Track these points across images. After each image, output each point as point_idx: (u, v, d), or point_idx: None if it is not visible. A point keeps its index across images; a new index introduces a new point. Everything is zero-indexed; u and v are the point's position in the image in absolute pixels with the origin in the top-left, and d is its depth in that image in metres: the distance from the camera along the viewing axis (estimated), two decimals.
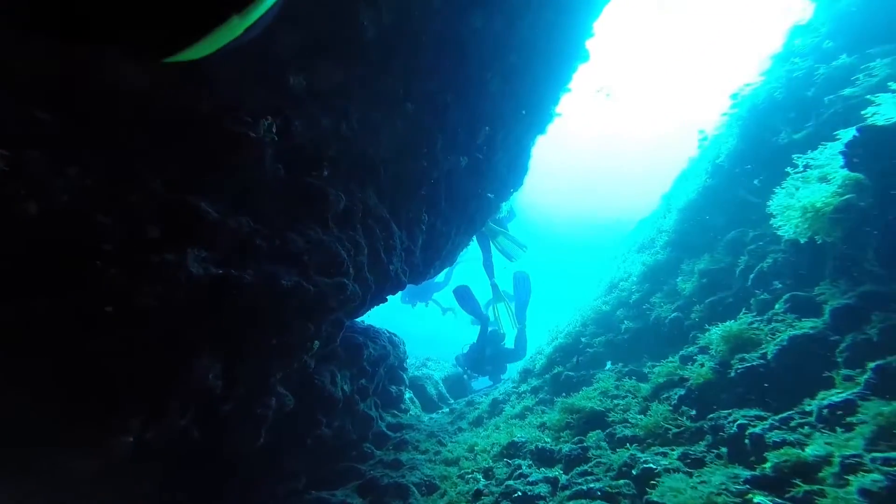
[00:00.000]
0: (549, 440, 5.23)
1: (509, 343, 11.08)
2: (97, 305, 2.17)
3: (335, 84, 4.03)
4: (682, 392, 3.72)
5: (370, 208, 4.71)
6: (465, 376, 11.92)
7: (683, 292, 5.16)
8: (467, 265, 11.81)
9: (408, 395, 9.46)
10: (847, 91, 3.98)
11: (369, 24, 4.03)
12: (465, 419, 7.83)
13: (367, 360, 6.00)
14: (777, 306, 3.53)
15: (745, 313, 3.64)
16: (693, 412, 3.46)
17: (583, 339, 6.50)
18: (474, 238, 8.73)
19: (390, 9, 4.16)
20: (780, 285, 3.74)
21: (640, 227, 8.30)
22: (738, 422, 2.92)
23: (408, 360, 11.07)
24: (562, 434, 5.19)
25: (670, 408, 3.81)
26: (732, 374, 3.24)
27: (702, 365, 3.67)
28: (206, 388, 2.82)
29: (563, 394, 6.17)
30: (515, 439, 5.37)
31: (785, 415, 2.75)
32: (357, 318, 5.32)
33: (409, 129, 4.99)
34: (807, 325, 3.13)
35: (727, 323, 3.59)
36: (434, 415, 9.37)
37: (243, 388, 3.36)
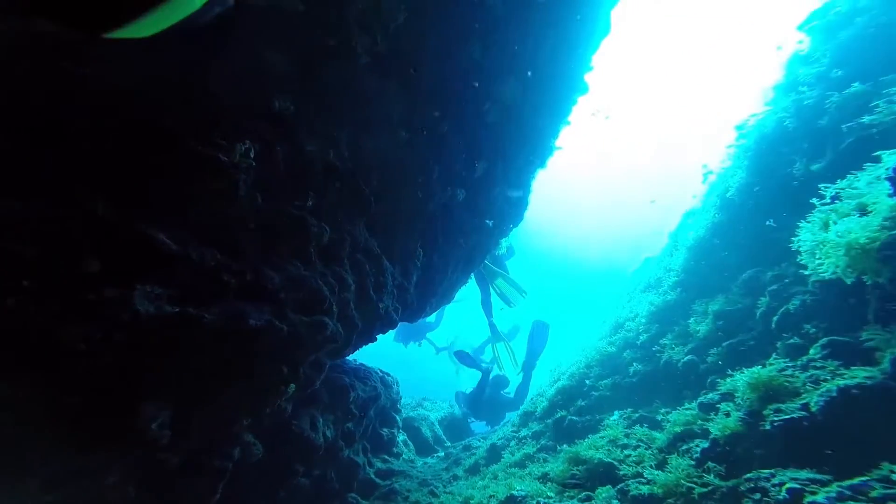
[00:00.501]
0: (552, 495, 4.67)
1: (512, 389, 10.51)
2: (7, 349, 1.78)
3: (324, 108, 3.79)
4: (706, 445, 3.23)
5: (359, 242, 4.37)
6: (464, 417, 11.25)
7: (697, 334, 4.72)
8: (459, 305, 11.39)
9: (401, 437, 8.83)
10: (867, 119, 3.71)
11: (363, 51, 3.83)
12: (461, 465, 7.19)
13: (353, 403, 5.49)
14: (812, 351, 3.10)
15: (775, 358, 3.19)
16: (721, 469, 2.96)
17: (587, 382, 5.99)
18: (472, 277, 8.35)
19: (385, 35, 3.97)
20: (812, 329, 3.32)
21: (645, 266, 7.94)
22: (788, 485, 2.43)
23: (402, 401, 10.46)
24: (566, 488, 4.63)
25: (692, 462, 3.31)
26: (767, 427, 2.77)
27: (727, 414, 3.20)
28: (148, 440, 2.38)
29: (567, 441, 5.62)
30: (515, 493, 4.80)
31: (856, 481, 2.27)
32: (343, 357, 4.87)
33: (403, 158, 4.72)
34: (860, 375, 2.69)
35: (754, 369, 3.15)
36: (429, 459, 8.70)
37: (198, 439, 2.90)
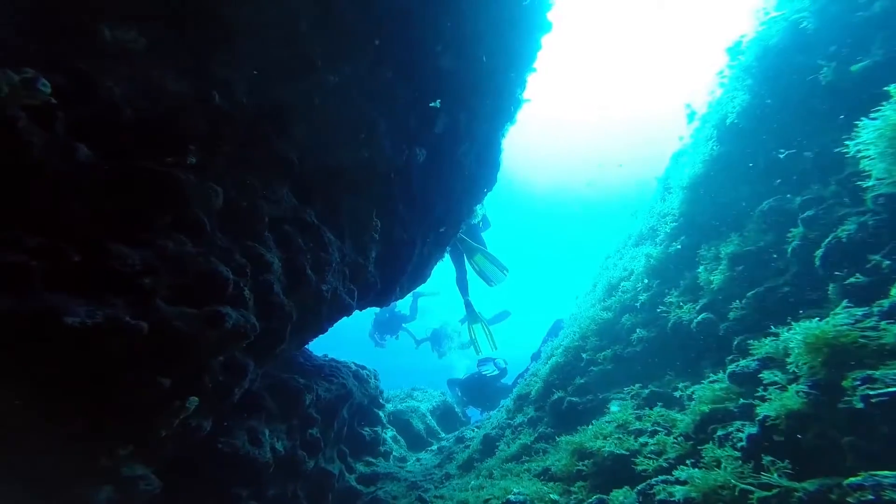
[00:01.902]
0: (556, 497, 3.74)
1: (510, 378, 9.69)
2: None
3: (205, 41, 2.69)
4: (755, 430, 2.28)
5: (284, 211, 3.31)
6: (460, 404, 10.34)
7: (710, 286, 3.76)
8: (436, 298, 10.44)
9: (390, 433, 7.86)
10: None
11: None
12: (454, 460, 6.26)
13: (313, 406, 4.47)
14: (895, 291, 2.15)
15: (843, 308, 2.21)
16: (785, 464, 2.02)
17: (584, 356, 5.04)
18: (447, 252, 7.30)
19: None
20: (885, 260, 2.36)
21: (633, 218, 6.96)
22: None
23: (388, 393, 9.49)
24: (573, 488, 3.70)
25: (737, 454, 2.36)
26: (858, 404, 1.81)
27: (783, 387, 2.25)
28: None
29: (568, 427, 4.68)
30: (512, 498, 3.86)
31: None
32: (284, 354, 3.82)
33: (333, 108, 3.64)
34: None
35: (808, 323, 2.20)
36: (422, 454, 7.75)
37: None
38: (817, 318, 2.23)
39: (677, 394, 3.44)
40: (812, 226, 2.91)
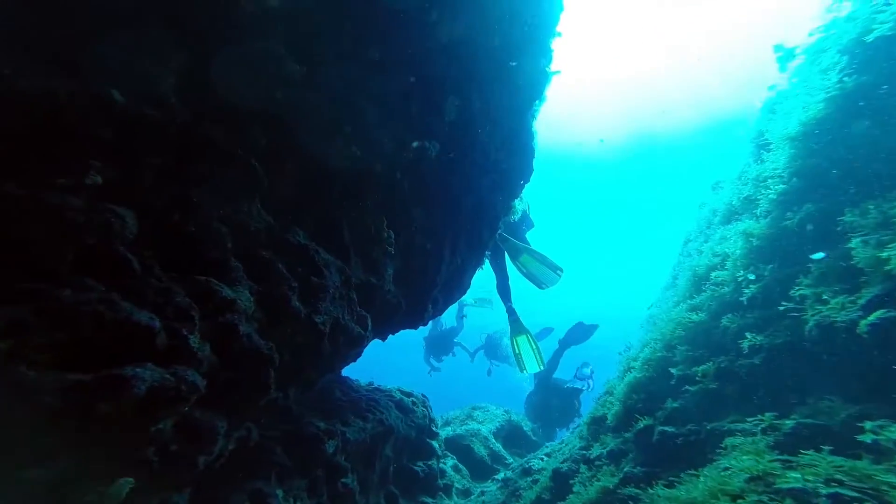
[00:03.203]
0: None
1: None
2: None
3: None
4: None
5: (257, 233, 2.56)
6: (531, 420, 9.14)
7: (885, 267, 2.39)
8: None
9: (450, 462, 6.90)
10: None
11: None
12: (521, 499, 5.15)
13: (341, 452, 3.68)
14: None
15: None
16: None
17: (673, 371, 3.75)
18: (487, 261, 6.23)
19: None
20: None
21: (716, 192, 5.44)
22: None
23: (447, 415, 8.55)
24: None
25: None
26: None
27: None
28: None
29: (665, 466, 3.45)
30: None
31: None
32: (278, 401, 3.02)
33: (305, 102, 2.87)
34: None
35: None
36: (488, 484, 6.70)
37: None
38: None
39: (866, 437, 2.12)
40: None
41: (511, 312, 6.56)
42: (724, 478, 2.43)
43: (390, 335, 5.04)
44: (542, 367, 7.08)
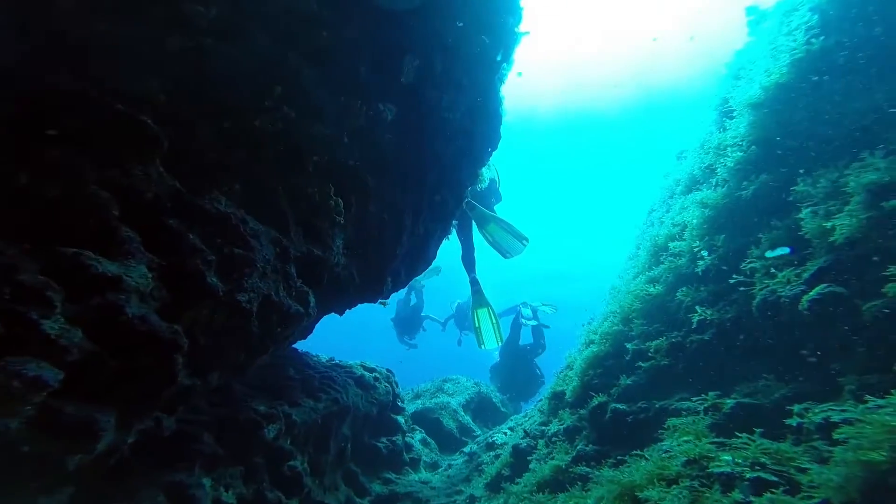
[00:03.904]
0: None
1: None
2: None
3: None
4: None
5: (158, 197, 2.22)
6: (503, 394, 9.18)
7: (829, 238, 2.24)
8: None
9: (418, 436, 6.86)
10: None
11: None
12: (483, 474, 5.11)
13: (286, 436, 3.49)
14: None
15: None
16: None
17: (628, 346, 3.63)
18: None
19: None
20: None
21: (680, 162, 5.26)
22: None
23: (418, 388, 8.49)
24: None
25: None
26: None
27: None
28: None
29: (616, 445, 3.38)
30: None
31: None
32: (188, 391, 2.77)
33: (221, 55, 2.47)
34: None
35: None
36: (456, 457, 6.70)
37: None
38: None
39: (792, 421, 2.01)
40: None
41: (474, 283, 6.34)
42: (663, 461, 2.32)
43: (347, 310, 4.80)
44: (500, 343, 6.95)
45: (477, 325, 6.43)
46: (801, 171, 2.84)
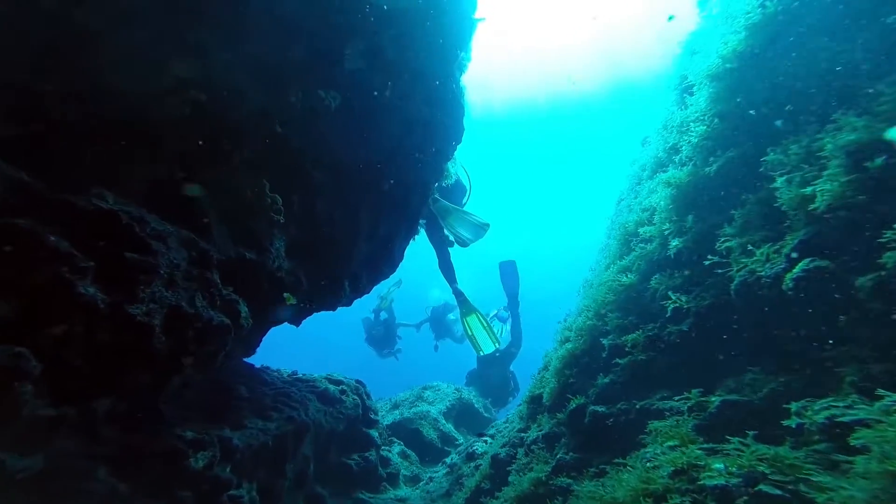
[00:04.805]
0: None
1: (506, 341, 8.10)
2: None
3: None
4: None
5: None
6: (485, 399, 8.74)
7: (809, 207, 1.91)
8: None
9: (396, 448, 6.37)
10: None
11: None
12: (463, 488, 4.66)
13: (224, 463, 3.00)
14: None
15: None
16: None
17: (604, 341, 3.26)
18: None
19: None
20: None
21: (644, 147, 4.95)
22: None
23: (396, 398, 7.99)
24: None
25: None
26: None
27: None
28: None
29: (596, 452, 3.00)
30: None
31: None
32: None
33: (90, 24, 2.03)
34: None
35: None
36: (438, 468, 6.24)
37: None
38: None
39: (791, 422, 1.64)
40: None
41: (458, 294, 6.02)
42: (647, 474, 1.93)
43: (302, 320, 4.34)
44: (497, 345, 6.62)
45: (470, 333, 6.13)
46: (769, 140, 2.53)
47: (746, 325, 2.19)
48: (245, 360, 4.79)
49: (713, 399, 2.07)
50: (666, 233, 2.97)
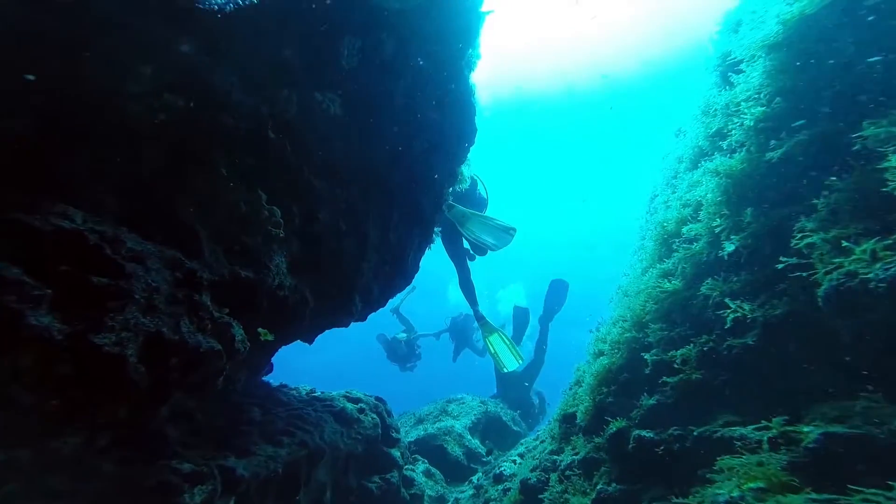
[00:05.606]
0: None
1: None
2: None
3: None
4: None
5: None
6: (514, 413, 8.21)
7: None
8: None
9: (420, 467, 5.96)
10: None
11: None
12: None
13: (226, 495, 2.69)
14: None
15: None
16: None
17: (646, 356, 2.77)
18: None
19: None
20: None
21: (679, 138, 4.42)
22: None
23: (420, 412, 7.60)
24: None
25: None
26: None
27: None
28: None
29: (646, 482, 2.52)
30: None
31: None
32: None
33: (50, 22, 1.81)
34: None
35: None
36: (463, 488, 5.80)
37: None
38: None
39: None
40: None
41: (480, 318, 5.69)
42: None
43: (314, 337, 4.04)
44: (521, 362, 6.24)
45: (493, 351, 5.85)
46: (858, 116, 2.02)
47: (844, 339, 1.68)
48: (264, 378, 4.56)
49: (805, 430, 1.58)
50: (717, 230, 2.48)
